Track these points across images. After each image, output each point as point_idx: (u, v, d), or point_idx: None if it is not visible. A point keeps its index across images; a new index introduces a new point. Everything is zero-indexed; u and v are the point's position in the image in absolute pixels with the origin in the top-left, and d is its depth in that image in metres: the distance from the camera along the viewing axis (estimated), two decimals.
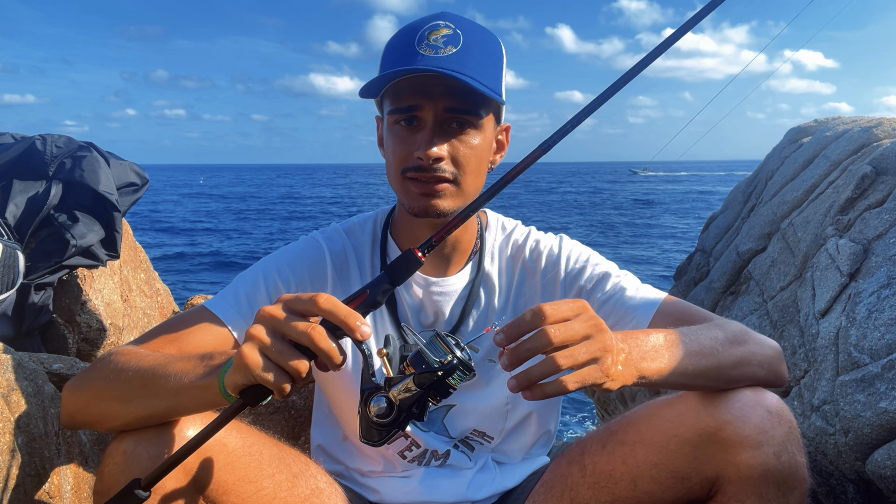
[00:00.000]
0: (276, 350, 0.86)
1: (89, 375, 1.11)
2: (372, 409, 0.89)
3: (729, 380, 1.11)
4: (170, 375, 1.00)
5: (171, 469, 0.92)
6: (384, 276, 0.94)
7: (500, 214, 1.47)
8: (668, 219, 36.99)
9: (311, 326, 0.86)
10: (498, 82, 1.21)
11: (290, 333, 0.87)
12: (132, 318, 2.26)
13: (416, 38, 1.18)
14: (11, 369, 1.34)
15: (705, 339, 1.10)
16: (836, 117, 4.31)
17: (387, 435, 0.91)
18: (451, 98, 1.17)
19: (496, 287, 1.37)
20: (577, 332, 0.90)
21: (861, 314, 2.34)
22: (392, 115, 1.21)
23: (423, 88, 1.16)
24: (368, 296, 0.92)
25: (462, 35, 1.18)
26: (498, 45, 1.24)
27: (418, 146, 1.18)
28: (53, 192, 1.95)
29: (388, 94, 1.21)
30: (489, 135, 1.25)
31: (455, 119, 1.19)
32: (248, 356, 0.86)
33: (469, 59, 1.16)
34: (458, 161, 1.20)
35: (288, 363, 0.85)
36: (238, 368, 0.87)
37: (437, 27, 1.18)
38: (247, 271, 1.32)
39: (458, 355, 0.90)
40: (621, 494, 1.17)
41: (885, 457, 1.99)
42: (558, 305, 0.92)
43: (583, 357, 0.90)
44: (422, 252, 0.94)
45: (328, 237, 1.38)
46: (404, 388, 0.89)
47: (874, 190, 2.90)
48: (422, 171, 1.19)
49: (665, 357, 1.02)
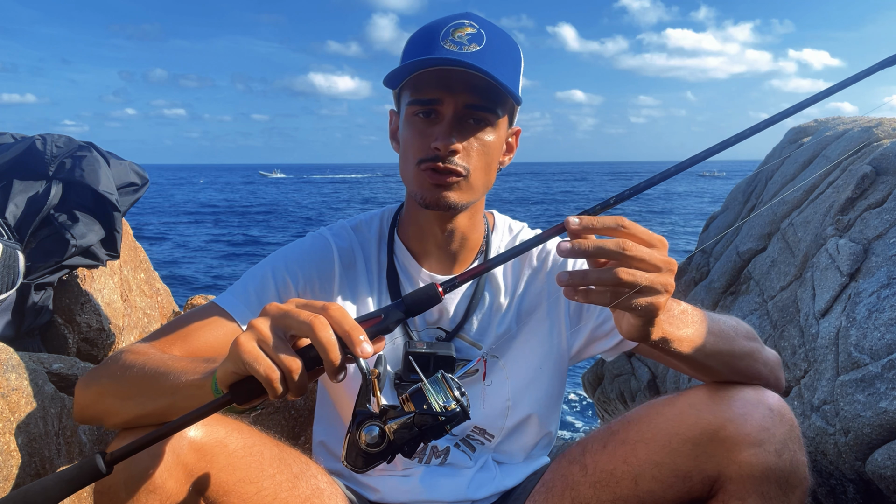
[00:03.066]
0: (272, 343, 0.84)
1: (98, 372, 1.12)
2: (363, 437, 0.87)
3: (737, 370, 1.14)
4: (169, 375, 1.00)
5: (139, 450, 0.89)
6: (401, 304, 0.92)
7: (508, 216, 1.48)
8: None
9: (314, 316, 0.84)
10: (516, 85, 1.23)
11: (291, 325, 0.85)
12: (132, 318, 2.25)
13: (440, 33, 1.20)
14: (11, 369, 1.34)
15: (724, 325, 1.13)
16: (836, 117, 4.31)
17: (372, 464, 0.89)
18: (472, 94, 1.18)
19: (501, 287, 1.37)
20: (652, 256, 0.89)
21: (861, 314, 2.34)
22: (411, 106, 1.22)
23: (444, 82, 1.18)
24: (382, 320, 0.91)
25: (486, 35, 1.20)
26: (518, 50, 1.26)
27: (436, 137, 1.19)
28: (53, 192, 1.95)
29: (408, 85, 1.22)
30: (502, 135, 1.27)
31: (473, 115, 1.21)
32: (243, 343, 0.84)
33: (491, 59, 1.18)
34: (471, 156, 1.22)
35: (280, 357, 0.83)
36: (231, 356, 0.86)
37: (462, 25, 1.21)
38: (255, 267, 1.33)
39: (460, 401, 0.88)
40: (623, 493, 1.17)
41: (885, 457, 1.99)
42: (642, 228, 0.91)
43: (644, 281, 0.89)
44: (444, 289, 0.92)
45: (336, 234, 1.39)
46: (402, 425, 0.87)
47: (874, 190, 2.90)
48: (437, 161, 1.20)
49: (690, 328, 1.05)
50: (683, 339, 1.04)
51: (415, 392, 0.89)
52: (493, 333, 1.34)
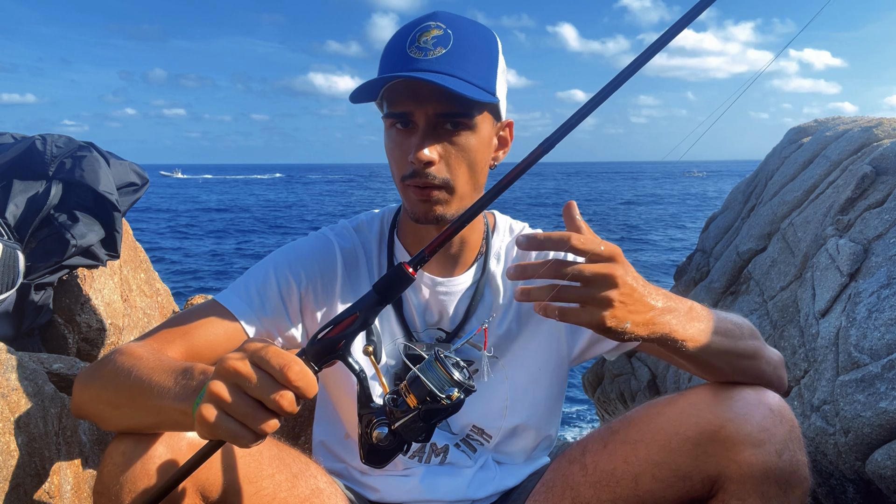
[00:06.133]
0: (240, 411, 0.80)
1: (93, 373, 1.11)
2: (374, 436, 0.88)
3: (741, 369, 1.13)
4: (153, 390, 0.96)
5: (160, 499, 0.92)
6: (373, 294, 0.90)
7: (510, 216, 1.47)
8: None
9: (280, 394, 0.80)
10: (491, 80, 1.20)
11: (257, 395, 0.80)
12: (132, 318, 2.25)
13: (407, 40, 1.18)
14: (11, 369, 1.34)
15: (729, 323, 1.12)
16: (836, 117, 4.31)
17: (391, 459, 0.91)
18: (441, 102, 1.16)
19: (500, 287, 1.37)
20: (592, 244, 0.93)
21: (861, 314, 2.34)
22: (387, 118, 1.21)
23: (413, 93, 1.16)
24: (358, 318, 0.89)
25: (452, 35, 1.17)
26: (491, 41, 1.22)
27: (411, 150, 1.17)
28: (53, 192, 1.95)
29: (384, 97, 1.21)
30: (486, 133, 1.23)
31: (447, 121, 1.18)
32: (208, 417, 0.80)
33: (459, 60, 1.15)
34: (450, 164, 1.19)
35: (257, 426, 0.80)
36: (200, 425, 0.82)
37: (428, 28, 1.18)
38: (257, 265, 1.32)
39: (459, 380, 0.87)
40: (623, 493, 1.17)
41: (885, 457, 1.99)
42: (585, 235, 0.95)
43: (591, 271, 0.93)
44: (413, 268, 0.90)
45: (338, 234, 1.38)
46: (409, 421, 0.87)
47: (874, 190, 2.90)
48: (416, 177, 1.18)
49: (696, 326, 1.04)
50: (689, 337, 1.03)
51: (414, 381, 0.87)
52: (493, 334, 1.34)
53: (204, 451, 0.88)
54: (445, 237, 0.92)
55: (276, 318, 1.27)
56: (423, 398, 0.86)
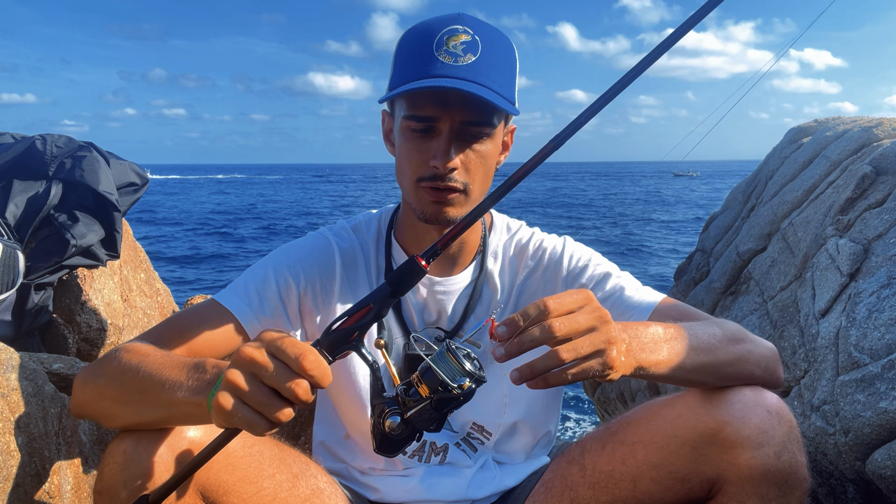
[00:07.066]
0: (256, 399, 0.81)
1: (97, 371, 1.11)
2: (387, 425, 0.89)
3: (725, 377, 1.12)
4: (164, 384, 0.97)
5: (177, 486, 0.92)
6: (386, 287, 0.91)
7: (506, 216, 1.47)
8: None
9: (296, 382, 0.81)
10: (512, 91, 1.22)
11: (272, 384, 0.82)
12: (132, 318, 2.26)
13: (434, 41, 1.17)
14: (11, 369, 1.34)
15: (704, 335, 1.10)
16: (836, 117, 4.31)
17: (402, 447, 0.91)
18: (469, 111, 1.17)
19: (498, 286, 1.37)
20: (580, 324, 0.91)
21: (861, 314, 2.34)
22: (407, 120, 1.20)
23: (441, 99, 1.16)
24: (372, 309, 0.90)
25: (480, 42, 1.18)
26: (513, 52, 1.24)
27: (434, 155, 1.17)
28: (53, 192, 1.95)
29: (405, 96, 1.20)
30: (499, 139, 1.26)
31: (470, 130, 1.19)
32: (224, 405, 0.81)
33: (487, 69, 1.16)
34: (469, 169, 1.20)
35: (272, 414, 0.81)
36: (216, 413, 0.83)
37: (456, 32, 1.18)
38: (256, 265, 1.32)
39: (470, 370, 0.88)
40: (621, 495, 1.17)
41: (885, 457, 1.99)
42: (562, 298, 0.92)
43: (586, 349, 0.90)
44: (426, 261, 0.91)
45: (337, 234, 1.38)
46: (421, 410, 0.88)
47: (874, 190, 2.90)
48: (436, 179, 1.19)
49: (664, 350, 1.02)
50: (660, 362, 1.01)
51: (426, 371, 0.88)
52: None
53: (220, 440, 0.89)
54: (458, 231, 0.92)
55: (275, 318, 1.28)
56: (436, 388, 0.87)
